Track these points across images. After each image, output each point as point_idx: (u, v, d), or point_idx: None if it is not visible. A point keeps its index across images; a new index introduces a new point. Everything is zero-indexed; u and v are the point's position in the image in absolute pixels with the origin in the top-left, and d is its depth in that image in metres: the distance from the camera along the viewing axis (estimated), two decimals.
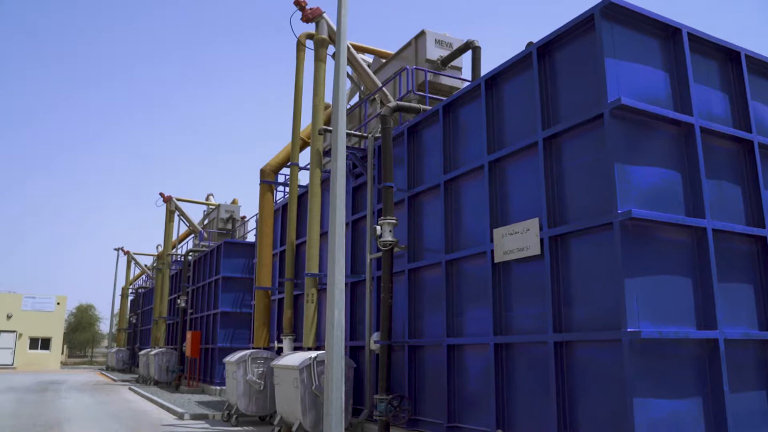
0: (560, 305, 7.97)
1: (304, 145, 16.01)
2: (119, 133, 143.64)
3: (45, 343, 48.72)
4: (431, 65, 14.00)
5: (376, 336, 11.27)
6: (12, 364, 46.62)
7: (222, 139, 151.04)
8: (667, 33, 8.32)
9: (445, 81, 13.95)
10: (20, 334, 47.53)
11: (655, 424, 6.75)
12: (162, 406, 17.59)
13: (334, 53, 14.32)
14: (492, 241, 9.19)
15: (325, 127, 13.07)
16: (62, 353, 54.58)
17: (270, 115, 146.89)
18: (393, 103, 11.90)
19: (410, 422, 10.59)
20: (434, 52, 14.14)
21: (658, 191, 7.59)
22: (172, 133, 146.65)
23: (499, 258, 9.02)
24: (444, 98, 12.48)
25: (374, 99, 14.39)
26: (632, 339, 6.78)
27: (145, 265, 47.95)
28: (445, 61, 14.07)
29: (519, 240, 8.66)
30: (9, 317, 47.38)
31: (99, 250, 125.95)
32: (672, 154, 7.89)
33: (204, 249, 26.74)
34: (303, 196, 16.02)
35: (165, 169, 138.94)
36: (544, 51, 8.78)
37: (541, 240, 8.29)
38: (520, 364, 8.59)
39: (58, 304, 49.92)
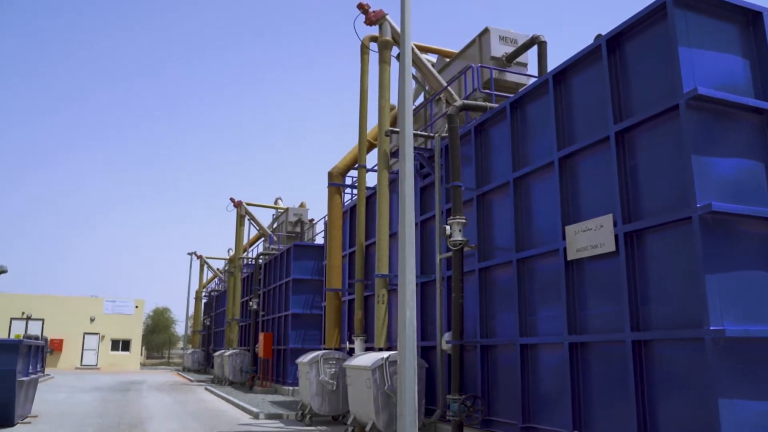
0: (637, 303, 7.77)
1: (371, 146, 16.13)
2: (191, 140, 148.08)
3: (125, 345, 50.68)
4: (496, 62, 13.86)
5: (447, 336, 11.24)
6: (96, 365, 48.70)
7: (289, 144, 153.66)
8: (746, 18, 7.99)
9: (511, 78, 13.79)
10: (103, 336, 49.61)
11: (742, 425, 6.49)
12: (237, 405, 18.02)
13: (398, 54, 14.39)
14: (564, 238, 9.03)
15: (391, 128, 13.13)
16: (141, 354, 56.62)
17: (335, 118, 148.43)
18: (459, 102, 11.85)
19: (484, 422, 10.52)
20: (499, 49, 13.99)
21: (739, 183, 7.30)
22: (240, 138, 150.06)
23: (571, 256, 8.85)
24: (510, 95, 12.35)
25: (439, 99, 14.37)
26: (716, 337, 6.54)
27: (217, 269, 49.26)
28: (510, 58, 13.91)
29: (592, 237, 8.48)
30: (92, 320, 49.51)
31: (173, 254, 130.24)
32: (753, 144, 7.57)
33: (274, 252, 27.27)
34: (371, 198, 16.12)
35: (234, 174, 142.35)
36: (614, 43, 8.58)
37: (616, 236, 8.10)
38: (596, 363, 8.42)
39: (137, 307, 51.83)
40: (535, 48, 13.53)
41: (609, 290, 8.27)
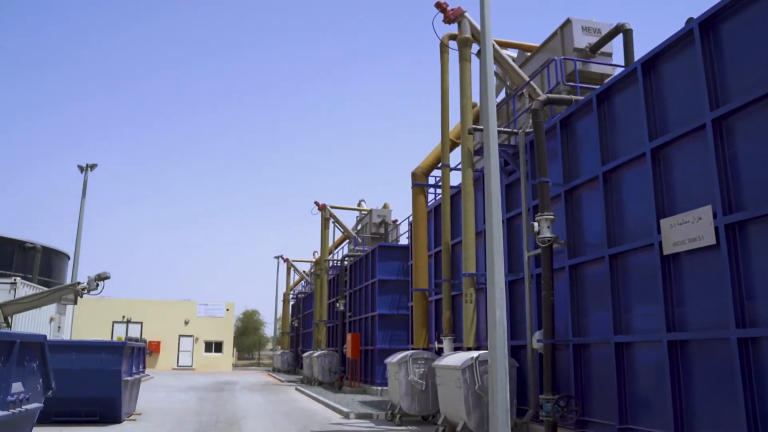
0: (742, 298, 7.39)
1: (453, 145, 16.04)
2: (277, 146, 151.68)
3: (218, 347, 52.49)
4: (579, 54, 13.50)
5: (538, 335, 11.04)
6: (191, 366, 50.67)
7: (371, 145, 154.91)
8: None
9: (596, 69, 13.41)
10: (196, 339, 51.57)
11: None
12: (327, 405, 18.31)
13: (478, 51, 14.26)
14: (659, 232, 8.70)
15: (474, 126, 13.02)
16: (233, 356, 58.46)
17: (417, 119, 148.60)
18: (543, 96, 11.63)
19: (578, 423, 10.27)
20: (582, 40, 13.63)
21: None
22: (324, 141, 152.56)
23: (668, 250, 8.52)
24: (596, 87, 12.01)
25: (522, 94, 14.14)
26: None
27: (303, 272, 50.24)
28: (594, 48, 13.52)
29: (690, 230, 8.13)
30: (186, 323, 51.55)
31: (261, 258, 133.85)
32: None
33: (359, 254, 27.57)
34: (455, 197, 16.04)
35: (318, 177, 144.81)
36: (708, 25, 8.19)
37: (716, 228, 7.73)
38: (697, 362, 8.06)
39: (227, 310, 53.58)
40: (620, 37, 13.10)
41: (710, 285, 7.90)
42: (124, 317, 49.79)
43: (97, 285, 15.56)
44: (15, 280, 22.66)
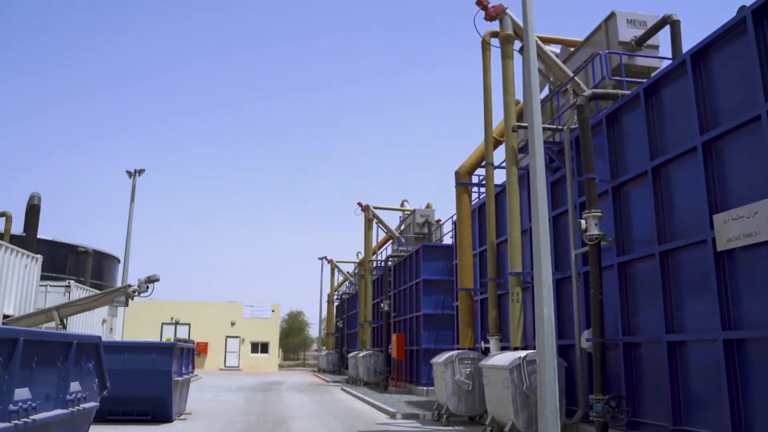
0: None
1: (497, 143, 15.92)
2: (320, 147, 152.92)
3: (264, 347, 53.13)
4: (624, 47, 13.25)
5: (586, 334, 10.86)
6: (238, 366, 51.41)
7: (413, 145, 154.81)
8: None
9: (642, 62, 13.12)
10: (243, 340, 52.29)
11: None
12: (373, 405, 18.35)
13: (520, 48, 14.13)
14: (712, 227, 8.46)
15: (518, 123, 12.89)
16: (278, 356, 59.11)
17: (459, 118, 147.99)
18: (588, 91, 11.45)
19: (630, 424, 10.05)
20: (627, 33, 13.36)
21: None
22: (365, 142, 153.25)
23: (722, 246, 8.27)
24: (643, 80, 11.77)
25: (566, 90, 13.94)
26: None
27: (347, 272, 50.50)
28: (640, 41, 13.24)
29: (746, 225, 7.88)
30: (233, 324, 52.33)
31: (305, 259, 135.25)
32: None
33: (403, 254, 27.56)
34: (499, 195, 15.90)
35: (360, 178, 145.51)
36: (761, 13, 7.93)
37: None
38: (755, 362, 7.80)
39: (273, 311, 54.19)
40: (666, 29, 12.82)
41: (767, 282, 7.65)
42: (172, 319, 50.81)
43: (147, 287, 15.91)
44: (69, 283, 23.33)
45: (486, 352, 14.32)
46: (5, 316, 15.88)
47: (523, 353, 11.35)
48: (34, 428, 5.10)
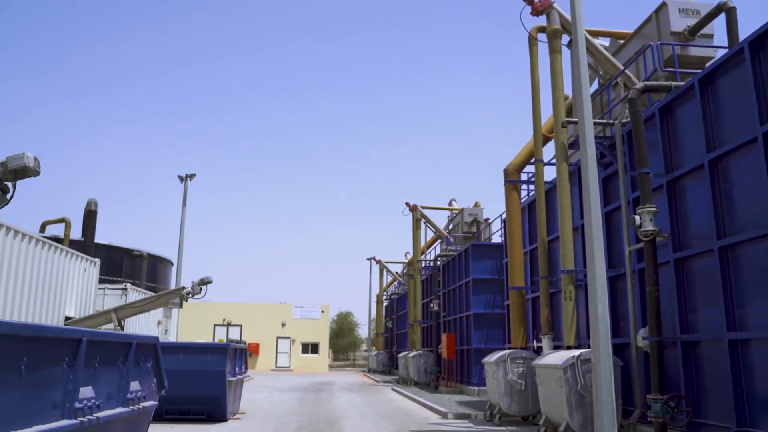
0: None
1: (546, 140, 15.72)
2: (368, 147, 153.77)
3: (314, 348, 53.56)
4: (677, 38, 12.91)
5: (643, 332, 10.62)
6: (289, 367, 51.97)
7: (460, 144, 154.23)
8: None
9: (696, 52, 12.77)
10: (293, 340, 52.83)
11: None
12: (425, 405, 18.31)
13: (568, 42, 13.92)
14: None
15: (568, 119, 12.70)
16: (328, 356, 59.54)
17: (505, 115, 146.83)
18: (640, 84, 11.19)
19: (690, 425, 9.77)
20: (679, 23, 13.02)
21: None
22: (412, 142, 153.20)
23: None
24: (697, 71, 11.43)
25: (617, 83, 13.66)
26: None
27: (396, 273, 50.55)
28: (693, 31, 12.88)
29: None
30: (283, 325, 52.91)
31: (353, 260, 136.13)
32: None
33: (451, 253, 27.45)
34: (550, 192, 15.68)
35: (408, 178, 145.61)
36: None
37: None
38: None
39: (322, 312, 54.58)
40: (721, 17, 12.43)
41: None
42: (224, 320, 51.66)
43: (201, 289, 16.22)
44: (125, 285, 23.97)
45: (538, 351, 14.14)
46: (66, 318, 16.41)
47: (576, 352, 11.17)
48: (98, 426, 5.25)
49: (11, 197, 6.17)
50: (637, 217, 10.26)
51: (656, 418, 9.62)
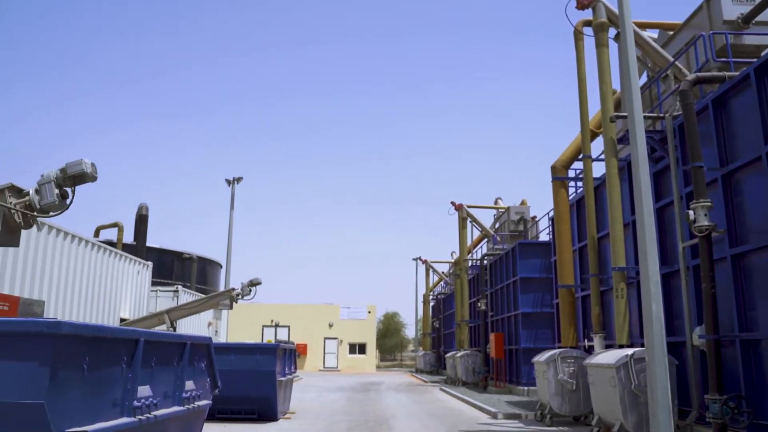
0: None
1: (594, 135, 15.46)
2: (412, 147, 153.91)
3: (361, 348, 53.81)
4: (730, 26, 12.53)
5: (698, 330, 10.34)
6: (337, 367, 52.32)
7: (506, 142, 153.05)
8: None
9: (750, 40, 12.37)
10: (341, 341, 53.17)
11: None
12: (474, 405, 18.20)
13: (615, 35, 13.66)
14: None
15: (616, 113, 12.46)
16: (375, 357, 59.72)
17: (551, 111, 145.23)
18: (692, 75, 10.91)
19: (751, 427, 9.46)
20: (732, 11, 12.63)
21: None
22: (457, 141, 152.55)
23: None
24: (752, 60, 11.09)
25: (666, 75, 13.35)
26: None
27: (442, 272, 50.39)
28: (747, 19, 12.48)
29: None
30: (330, 326, 53.31)
31: (399, 260, 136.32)
32: None
33: (498, 252, 27.22)
34: (599, 188, 15.41)
35: (453, 177, 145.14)
36: None
37: None
38: None
39: (369, 312, 54.78)
40: None
41: None
42: (272, 321, 52.29)
43: (250, 290, 16.41)
44: (177, 288, 24.50)
45: (589, 350, 13.91)
46: (121, 320, 16.85)
47: (630, 351, 10.94)
48: (155, 424, 5.36)
49: (71, 202, 6.37)
50: (690, 213, 10.00)
51: (715, 419, 9.35)
